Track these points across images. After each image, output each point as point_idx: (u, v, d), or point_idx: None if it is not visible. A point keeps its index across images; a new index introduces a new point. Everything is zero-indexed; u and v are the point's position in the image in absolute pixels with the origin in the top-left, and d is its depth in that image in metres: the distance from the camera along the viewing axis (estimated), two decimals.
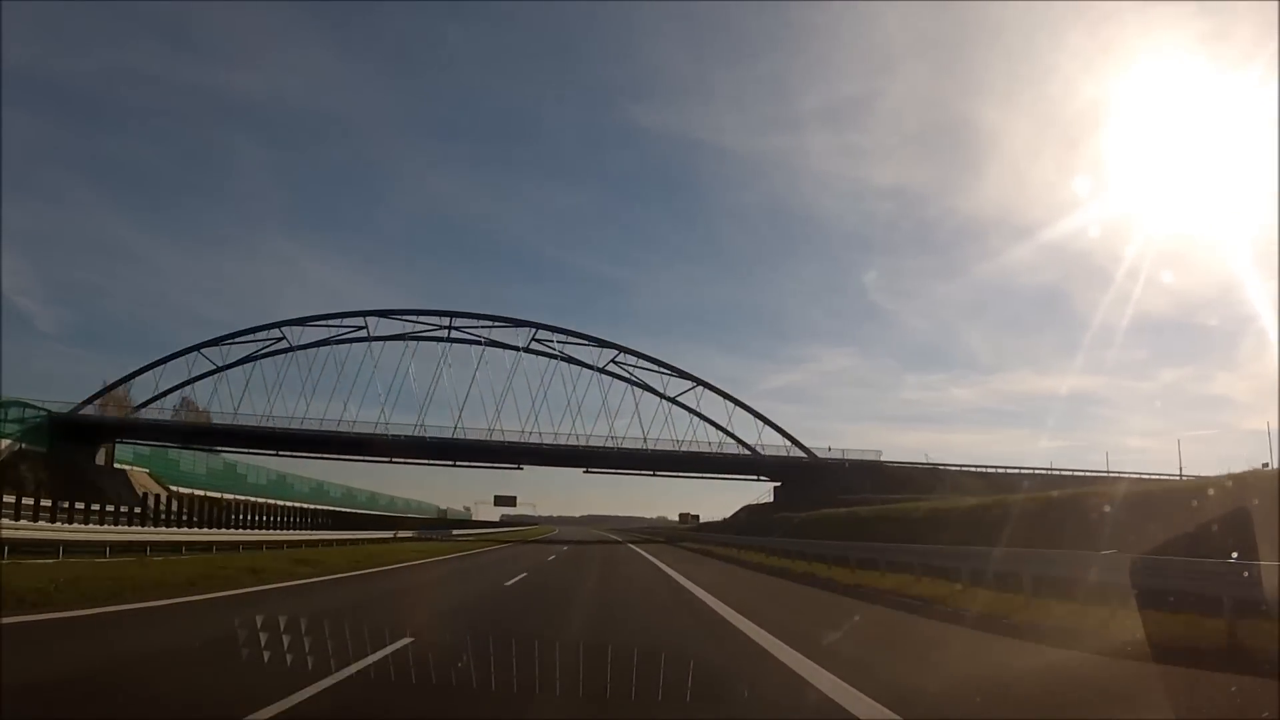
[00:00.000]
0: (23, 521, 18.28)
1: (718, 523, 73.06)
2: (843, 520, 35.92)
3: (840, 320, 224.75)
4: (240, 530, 28.77)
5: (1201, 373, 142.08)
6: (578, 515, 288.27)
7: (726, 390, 67.95)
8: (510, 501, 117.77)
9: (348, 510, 56.15)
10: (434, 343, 68.07)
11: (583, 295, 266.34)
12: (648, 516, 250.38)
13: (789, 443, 67.03)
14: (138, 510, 24.68)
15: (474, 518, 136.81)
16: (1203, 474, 29.10)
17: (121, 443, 62.68)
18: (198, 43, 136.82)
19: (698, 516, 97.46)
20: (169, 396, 66.02)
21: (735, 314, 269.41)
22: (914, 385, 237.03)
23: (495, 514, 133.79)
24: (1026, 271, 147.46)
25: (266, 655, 6.44)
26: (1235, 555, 9.82)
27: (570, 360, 67.61)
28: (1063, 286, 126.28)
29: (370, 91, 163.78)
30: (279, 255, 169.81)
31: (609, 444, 63.59)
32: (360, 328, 67.45)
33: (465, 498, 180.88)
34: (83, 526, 21.04)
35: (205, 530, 26.27)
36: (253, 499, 48.78)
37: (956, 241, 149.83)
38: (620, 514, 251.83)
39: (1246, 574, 9.04)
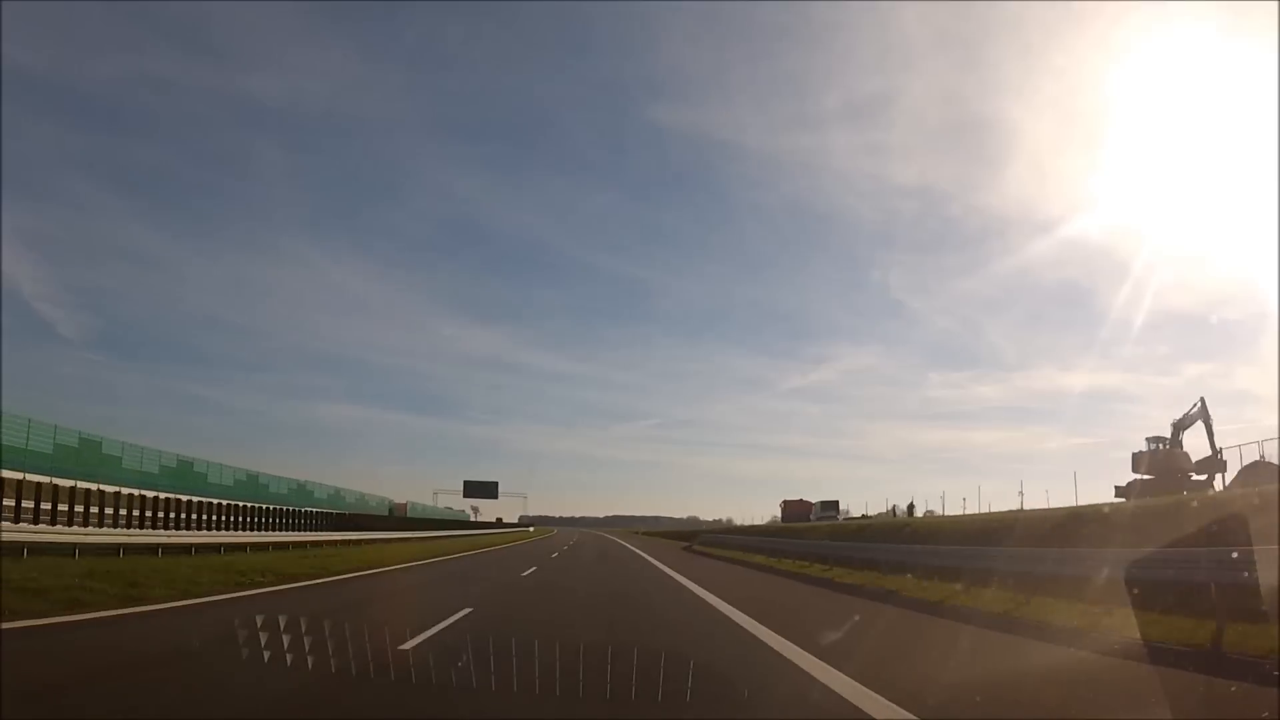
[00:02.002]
0: None
1: None
2: None
3: (863, 318, 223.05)
4: None
5: (1225, 368, 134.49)
6: (601, 516, 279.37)
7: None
8: (487, 490, 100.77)
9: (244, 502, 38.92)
10: None
11: (606, 296, 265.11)
12: (678, 516, 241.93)
13: None
14: None
15: (476, 518, 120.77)
16: None
17: None
18: (216, 47, 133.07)
19: (836, 504, 71.22)
20: None
21: (758, 313, 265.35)
22: (938, 383, 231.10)
23: (477, 510, 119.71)
24: (1049, 267, 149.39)
25: None
26: None
27: None
28: (1085, 282, 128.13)
29: (390, 93, 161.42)
30: (302, 259, 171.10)
31: None
32: None
33: (415, 490, 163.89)
34: None
35: None
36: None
37: (979, 238, 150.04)
38: (646, 514, 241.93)
39: None
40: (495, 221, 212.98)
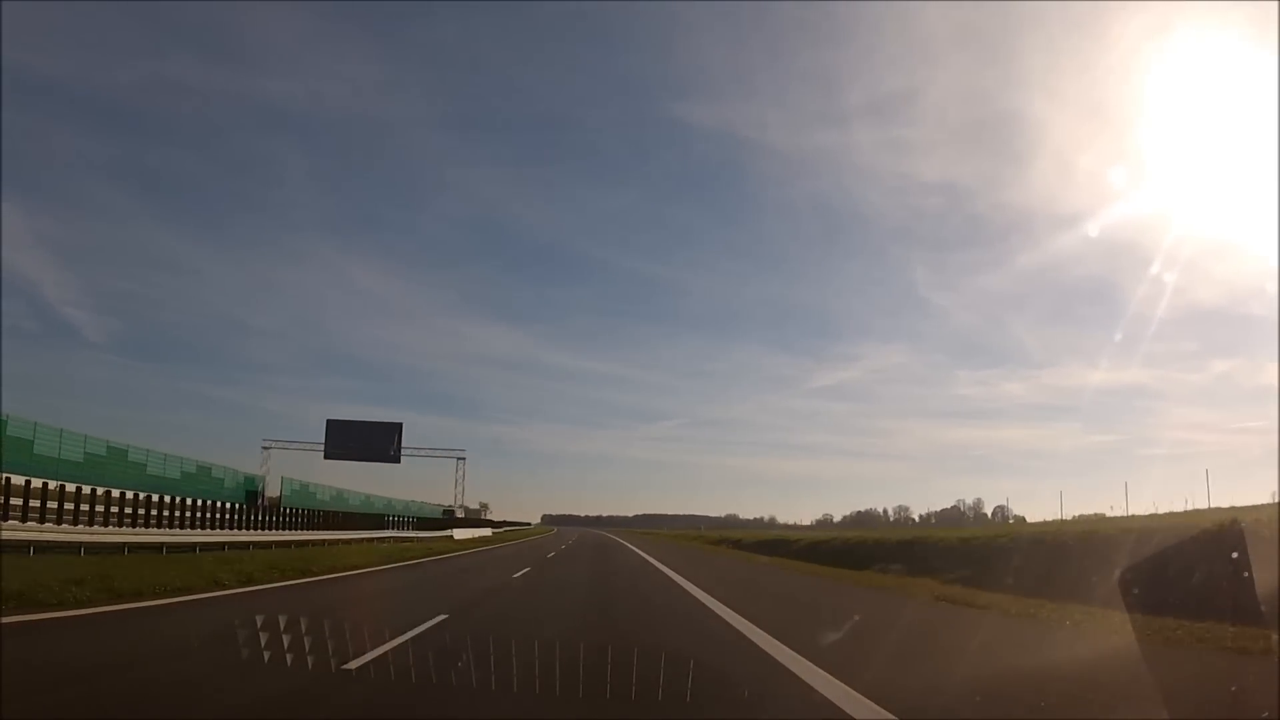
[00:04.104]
0: None
1: None
2: None
3: (889, 316, 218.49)
4: None
5: (1252, 364, 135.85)
6: (630, 515, 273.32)
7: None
8: (374, 443, 60.00)
9: None
10: None
11: (629, 295, 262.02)
12: (715, 515, 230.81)
13: None
14: None
15: (489, 516, 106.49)
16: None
17: None
18: (237, 51, 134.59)
19: None
20: None
21: (783, 312, 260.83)
22: (965, 381, 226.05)
23: (486, 507, 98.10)
24: (1074, 263, 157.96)
25: None
26: None
27: None
28: (1111, 278, 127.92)
29: (411, 95, 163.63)
30: (324, 261, 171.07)
31: None
32: None
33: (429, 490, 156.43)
34: None
35: None
36: None
37: (1005, 235, 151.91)
38: (679, 513, 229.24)
39: None
40: (518, 221, 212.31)
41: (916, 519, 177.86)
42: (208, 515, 27.93)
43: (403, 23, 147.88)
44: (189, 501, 27.41)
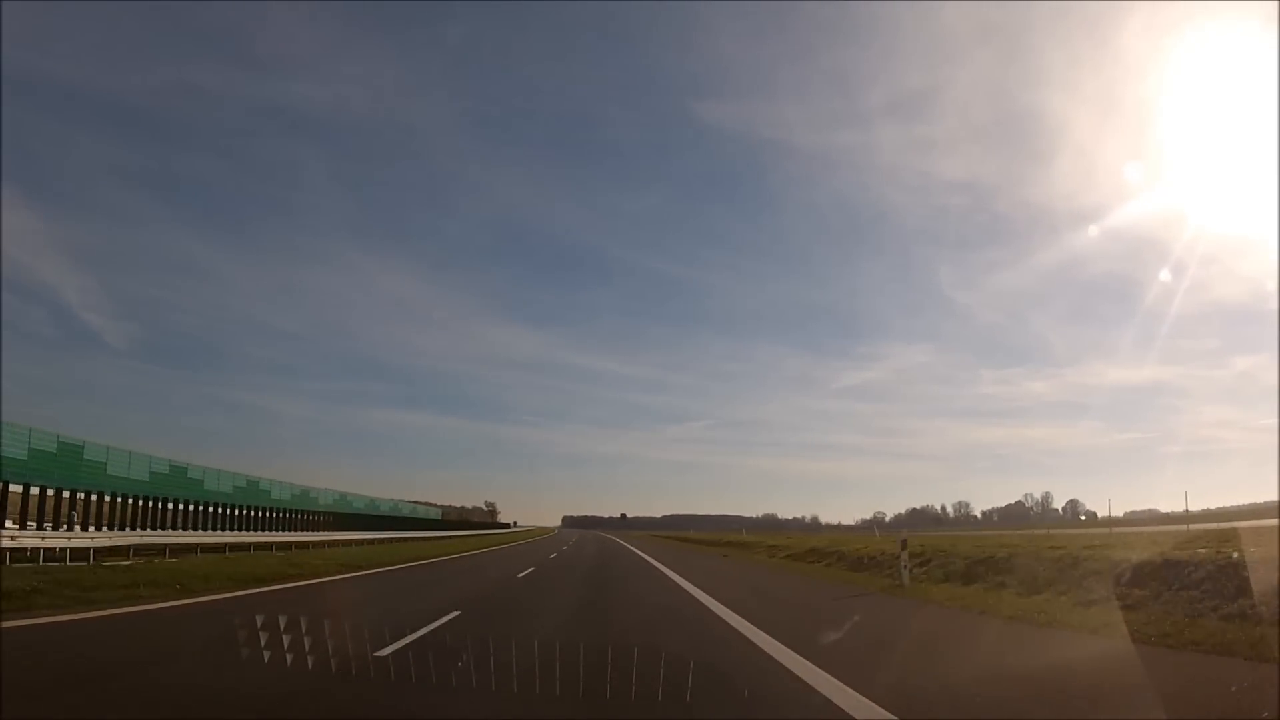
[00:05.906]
0: None
1: None
2: None
3: (913, 316, 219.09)
4: None
5: (1273, 360, 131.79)
6: (658, 516, 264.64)
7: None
8: None
9: None
10: None
11: (653, 296, 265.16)
12: (750, 515, 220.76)
13: None
14: None
15: (500, 518, 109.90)
16: None
17: None
18: (259, 57, 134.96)
19: None
20: None
21: (807, 312, 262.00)
22: (990, 380, 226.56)
23: (493, 506, 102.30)
24: (1098, 262, 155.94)
25: None
26: None
27: None
28: (1133, 274, 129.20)
29: (435, 99, 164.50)
30: (348, 265, 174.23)
31: None
32: None
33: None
34: None
35: None
36: None
37: (1027, 232, 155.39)
38: (711, 513, 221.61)
39: None
40: (542, 224, 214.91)
41: (979, 515, 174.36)
42: None
43: (424, 25, 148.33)
44: None
